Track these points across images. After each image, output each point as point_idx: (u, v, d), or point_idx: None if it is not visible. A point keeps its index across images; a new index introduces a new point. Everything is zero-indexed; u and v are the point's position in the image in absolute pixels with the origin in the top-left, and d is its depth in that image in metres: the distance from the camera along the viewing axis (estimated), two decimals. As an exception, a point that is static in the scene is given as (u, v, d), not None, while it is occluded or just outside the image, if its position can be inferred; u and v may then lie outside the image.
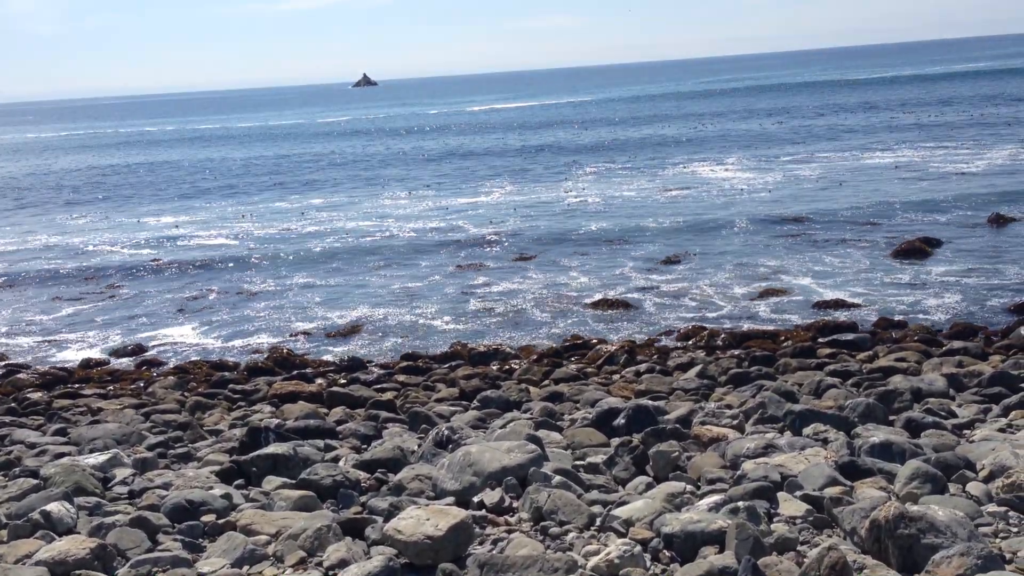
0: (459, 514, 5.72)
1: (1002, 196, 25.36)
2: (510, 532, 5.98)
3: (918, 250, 19.69)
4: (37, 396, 12.88)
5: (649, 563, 5.39)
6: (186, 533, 6.27)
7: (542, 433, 8.40)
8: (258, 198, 36.88)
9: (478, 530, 5.96)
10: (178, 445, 9.39)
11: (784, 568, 5.02)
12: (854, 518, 5.57)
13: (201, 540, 6.25)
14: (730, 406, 9.77)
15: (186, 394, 12.68)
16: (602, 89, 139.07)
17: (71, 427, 10.45)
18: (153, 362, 15.28)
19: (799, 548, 5.48)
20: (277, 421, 10.07)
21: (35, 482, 7.37)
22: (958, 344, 12.50)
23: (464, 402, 11.37)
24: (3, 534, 6.24)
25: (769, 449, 7.32)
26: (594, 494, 6.66)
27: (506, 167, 42.37)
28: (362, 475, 7.53)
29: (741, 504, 5.83)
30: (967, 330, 13.65)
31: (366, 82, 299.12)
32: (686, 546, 5.44)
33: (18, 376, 14.25)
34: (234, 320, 18.05)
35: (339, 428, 9.70)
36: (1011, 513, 5.75)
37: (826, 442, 7.59)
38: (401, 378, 13.17)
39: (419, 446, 8.45)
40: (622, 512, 6.01)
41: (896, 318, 14.84)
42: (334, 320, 17.57)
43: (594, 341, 14.63)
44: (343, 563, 5.44)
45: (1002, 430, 7.99)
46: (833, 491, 6.22)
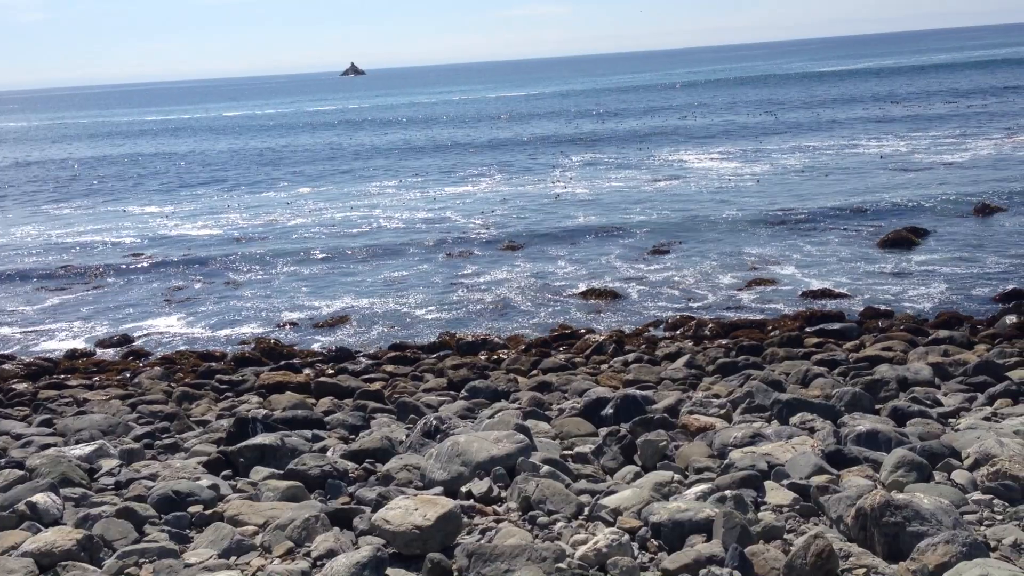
0: (447, 504, 5.72)
1: (987, 186, 25.49)
2: (498, 522, 5.98)
3: (904, 240, 19.77)
4: (22, 387, 12.80)
5: (637, 552, 5.41)
6: (173, 524, 6.26)
7: (530, 423, 8.41)
8: (245, 188, 36.70)
9: (466, 520, 5.96)
10: (165, 436, 9.36)
11: (771, 556, 5.05)
12: (840, 506, 5.60)
13: (188, 531, 6.23)
14: (718, 395, 9.80)
15: (173, 385, 12.62)
16: (589, 79, 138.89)
17: (57, 418, 10.39)
18: (139, 353, 15.20)
19: (786, 536, 5.51)
20: (264, 411, 10.05)
21: (21, 473, 7.33)
22: (944, 333, 12.57)
23: (452, 392, 11.36)
24: (-11, 526, 6.21)
25: (756, 438, 7.34)
26: (582, 484, 6.68)
27: (494, 157, 42.29)
28: (350, 465, 7.52)
29: (728, 493, 5.86)
30: (953, 319, 13.71)
31: (354, 71, 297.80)
32: (674, 535, 5.46)
33: (3, 367, 14.16)
34: (221, 310, 17.98)
35: (327, 418, 9.68)
36: (996, 501, 5.79)
37: (813, 431, 7.63)
38: (389, 368, 13.15)
39: (407, 436, 8.45)
40: (610, 501, 6.03)
41: (882, 307, 14.90)
42: (322, 310, 17.53)
43: (582, 331, 14.64)
44: (331, 553, 5.43)
45: (987, 419, 8.04)
46: (819, 479, 6.25)
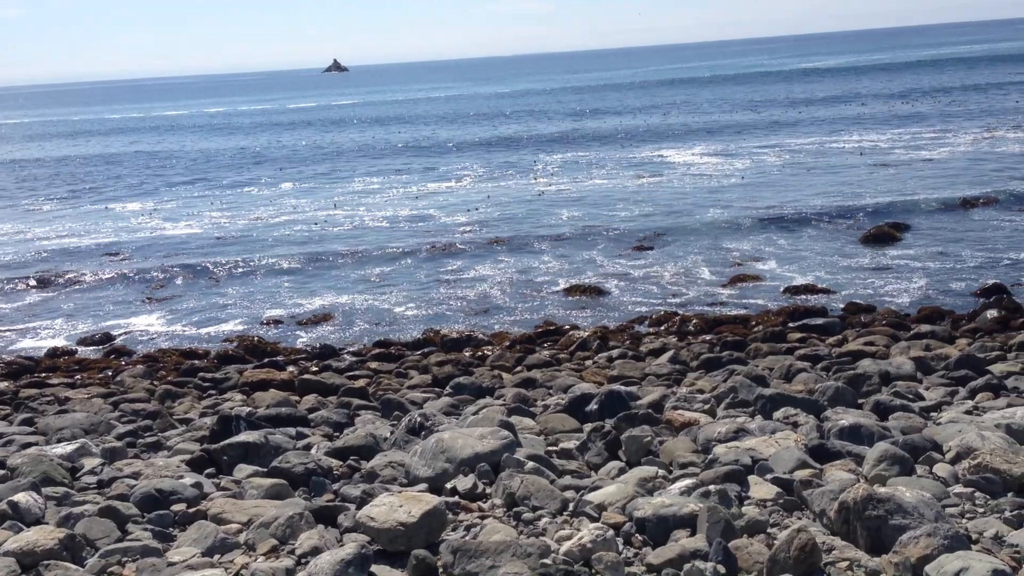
0: (432, 500, 5.71)
1: (967, 181, 25.72)
2: (483, 518, 5.98)
3: (886, 235, 19.91)
4: (3, 386, 12.67)
5: (621, 547, 5.42)
6: (156, 523, 6.22)
7: (515, 419, 8.40)
8: (227, 186, 36.47)
9: (451, 516, 5.96)
10: (147, 434, 9.30)
11: (754, 550, 5.07)
12: (823, 500, 5.63)
13: (171, 529, 6.20)
14: (702, 391, 9.84)
15: (155, 383, 12.55)
16: (573, 76, 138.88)
17: (38, 417, 10.31)
18: (121, 351, 15.10)
19: (769, 530, 5.53)
20: (248, 409, 9.99)
21: (2, 472, 7.28)
22: (925, 328, 12.65)
23: (437, 389, 11.34)
24: (-31, 525, 6.16)
25: (740, 433, 7.38)
26: (567, 479, 6.68)
27: (477, 155, 42.24)
28: (334, 463, 7.50)
29: (712, 488, 5.88)
30: (934, 314, 13.81)
31: (337, 68, 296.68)
32: (658, 530, 5.47)
33: (-17, 366, 14.04)
34: (203, 308, 17.89)
35: (311, 416, 9.65)
36: (977, 494, 5.84)
37: (796, 426, 7.66)
38: (373, 365, 13.12)
39: (392, 433, 8.43)
40: (595, 497, 6.04)
41: (865, 303, 14.99)
42: (305, 307, 17.47)
43: (567, 327, 14.65)
44: (315, 551, 5.42)
45: (968, 412, 8.10)
46: (803, 474, 6.28)
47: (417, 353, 13.73)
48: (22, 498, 6.35)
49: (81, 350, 15.38)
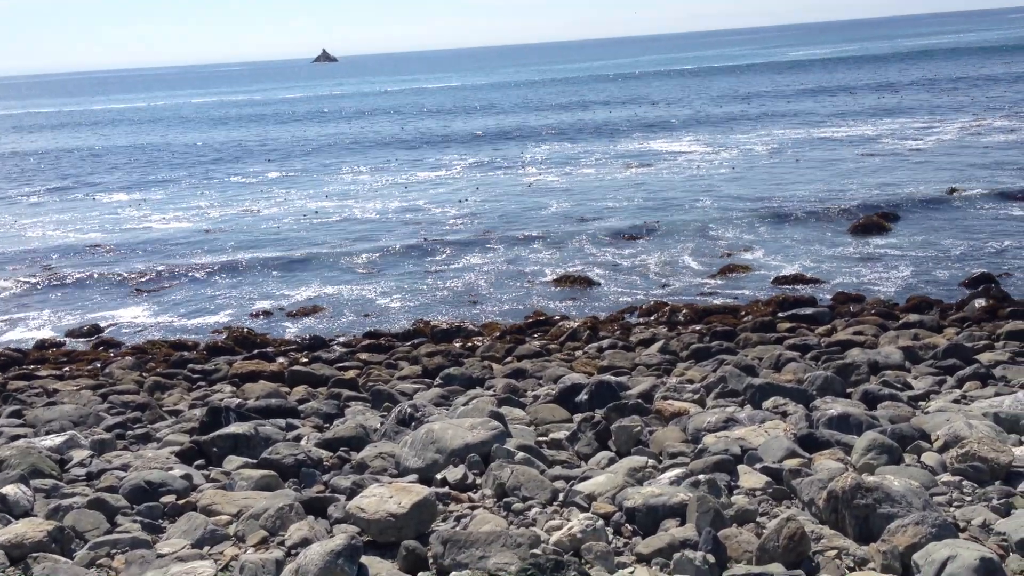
0: (422, 491, 5.71)
1: (955, 171, 25.81)
2: (473, 508, 5.99)
3: (875, 225, 19.96)
4: (-10, 378, 12.63)
5: (611, 537, 5.43)
6: (145, 514, 6.20)
7: (505, 410, 8.41)
8: (215, 177, 36.33)
9: (441, 507, 5.96)
10: (137, 426, 9.28)
11: (744, 539, 5.09)
12: (812, 489, 5.66)
13: (161, 521, 6.19)
14: (691, 381, 9.85)
15: (144, 374, 12.51)
16: (562, 66, 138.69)
17: (27, 409, 10.26)
18: (110, 343, 15.04)
19: (758, 519, 5.55)
20: (238, 401, 9.98)
21: (-10, 465, 7.24)
22: (914, 317, 12.70)
23: (427, 379, 11.34)
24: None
25: (729, 423, 7.39)
26: (557, 470, 6.70)
27: (466, 146, 42.16)
28: (324, 454, 7.49)
29: (702, 477, 5.90)
30: (923, 304, 13.86)
31: (326, 58, 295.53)
32: (648, 519, 5.49)
33: (-30, 358, 13.96)
34: (192, 300, 17.83)
35: (301, 407, 9.64)
36: (964, 482, 5.87)
37: (785, 415, 7.69)
38: (363, 356, 13.11)
39: (382, 424, 8.43)
40: (585, 487, 6.05)
41: (854, 292, 15.04)
42: (295, 299, 17.43)
43: (556, 318, 14.66)
44: (305, 542, 5.41)
45: (956, 401, 8.14)
46: (792, 463, 6.31)
47: (407, 344, 13.72)
48: (10, 490, 6.33)
49: (69, 342, 15.32)
